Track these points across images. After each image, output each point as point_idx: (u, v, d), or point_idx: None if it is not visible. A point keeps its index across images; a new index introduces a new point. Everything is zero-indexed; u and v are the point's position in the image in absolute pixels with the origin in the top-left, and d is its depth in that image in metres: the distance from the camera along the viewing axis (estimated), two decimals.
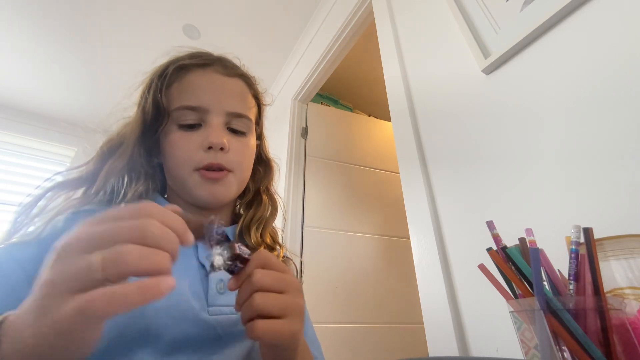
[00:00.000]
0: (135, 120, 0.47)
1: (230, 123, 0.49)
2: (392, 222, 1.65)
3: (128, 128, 0.48)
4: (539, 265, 0.29)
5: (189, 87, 0.47)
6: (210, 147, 0.45)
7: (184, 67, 0.49)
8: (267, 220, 0.55)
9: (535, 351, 0.28)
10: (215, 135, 0.45)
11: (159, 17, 1.65)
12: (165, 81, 0.48)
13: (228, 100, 0.48)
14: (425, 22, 0.92)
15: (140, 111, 0.48)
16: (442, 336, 0.63)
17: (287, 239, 1.42)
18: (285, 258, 0.58)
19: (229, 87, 0.50)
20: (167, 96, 0.47)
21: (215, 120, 0.46)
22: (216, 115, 0.47)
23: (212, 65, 0.51)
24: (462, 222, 0.67)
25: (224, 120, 0.48)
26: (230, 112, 0.48)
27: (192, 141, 0.45)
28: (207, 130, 0.46)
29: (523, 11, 0.63)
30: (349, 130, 1.83)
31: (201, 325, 0.36)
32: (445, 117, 0.77)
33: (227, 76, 0.51)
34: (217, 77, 0.50)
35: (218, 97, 0.48)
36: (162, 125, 0.46)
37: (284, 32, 1.79)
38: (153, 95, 0.47)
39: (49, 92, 2.11)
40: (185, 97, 0.47)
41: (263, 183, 0.58)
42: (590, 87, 0.50)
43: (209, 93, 0.47)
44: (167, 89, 0.48)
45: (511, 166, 0.59)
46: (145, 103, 0.47)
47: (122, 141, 0.46)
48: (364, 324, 1.38)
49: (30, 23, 1.63)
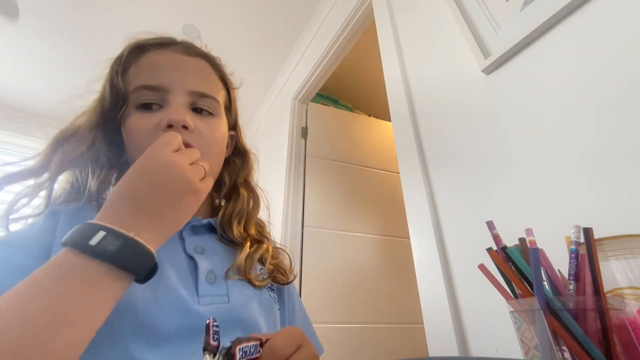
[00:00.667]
0: (93, 107, 0.45)
1: (194, 103, 0.45)
2: (392, 222, 1.65)
3: (84, 117, 0.45)
4: (539, 265, 0.29)
5: (146, 66, 0.44)
6: (170, 126, 0.40)
7: (141, 48, 0.46)
8: (249, 213, 0.53)
9: (535, 351, 0.28)
10: (175, 112, 0.41)
11: (159, 17, 1.65)
12: (122, 63, 0.45)
13: (190, 79, 0.45)
14: (425, 22, 0.92)
15: (98, 98, 0.45)
16: (442, 336, 0.63)
17: (287, 239, 1.42)
18: (276, 249, 0.56)
19: (191, 65, 0.47)
20: (124, 79, 0.44)
21: (177, 100, 0.43)
22: (178, 94, 0.43)
23: (172, 45, 0.48)
24: (462, 222, 0.67)
25: (186, 100, 0.44)
26: (193, 91, 0.44)
27: (151, 122, 0.41)
28: (167, 109, 0.42)
29: (523, 11, 0.63)
30: (349, 130, 1.83)
31: (193, 315, 0.36)
32: (445, 117, 0.77)
33: (188, 55, 0.47)
34: (178, 56, 0.46)
35: (178, 75, 0.44)
36: (121, 111, 0.43)
37: (284, 32, 1.79)
38: (110, 80, 0.44)
39: (50, 93, 2.11)
40: (143, 77, 0.43)
41: (240, 175, 0.55)
42: (590, 87, 0.50)
43: (169, 71, 0.44)
44: (124, 72, 0.45)
45: (511, 166, 0.59)
46: (104, 90, 0.45)
47: (77, 130, 0.44)
48: (364, 324, 1.38)
49: (30, 23, 1.63)
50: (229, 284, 0.42)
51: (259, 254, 0.49)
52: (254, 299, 0.43)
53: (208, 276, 0.41)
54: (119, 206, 0.30)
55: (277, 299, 0.49)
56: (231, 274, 0.43)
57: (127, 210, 0.30)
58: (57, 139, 0.43)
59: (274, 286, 0.50)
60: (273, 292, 0.48)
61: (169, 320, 0.34)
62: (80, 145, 0.43)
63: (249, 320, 0.40)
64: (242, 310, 0.40)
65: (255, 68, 1.99)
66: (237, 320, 0.39)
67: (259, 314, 0.42)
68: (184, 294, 0.37)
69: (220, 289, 0.40)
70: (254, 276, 0.45)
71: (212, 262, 0.43)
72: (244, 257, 0.46)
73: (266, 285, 0.47)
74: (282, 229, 1.44)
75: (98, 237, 0.27)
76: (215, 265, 0.43)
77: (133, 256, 0.28)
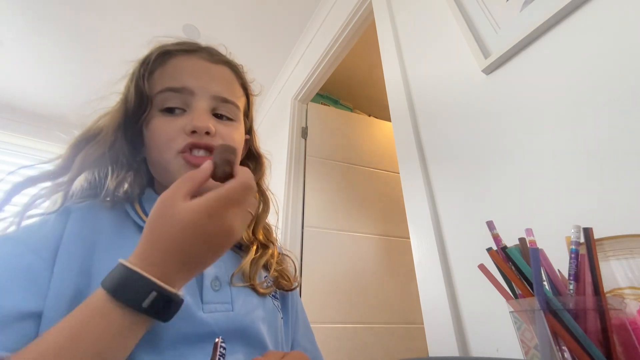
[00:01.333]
0: (116, 109, 0.46)
1: (216, 109, 0.46)
2: (392, 222, 1.65)
3: (107, 117, 0.46)
4: (539, 265, 0.29)
5: (172, 70, 0.46)
6: (194, 132, 0.42)
7: (168, 53, 0.47)
8: (259, 216, 0.54)
9: (535, 351, 0.28)
10: (200, 119, 0.43)
11: (159, 17, 1.65)
12: (148, 67, 0.46)
13: (214, 84, 0.46)
14: (425, 22, 0.92)
15: (122, 100, 0.46)
16: (442, 336, 0.63)
17: (287, 239, 1.42)
18: (281, 255, 0.56)
19: (215, 72, 0.48)
20: (150, 82, 0.45)
21: (201, 104, 0.44)
22: (201, 98, 0.45)
23: (198, 52, 0.49)
24: (462, 222, 0.67)
25: (209, 104, 0.46)
26: (216, 96, 0.46)
27: (175, 125, 0.43)
28: (191, 114, 0.44)
29: (523, 11, 0.63)
30: (349, 130, 1.83)
31: (196, 323, 0.36)
32: (445, 117, 0.77)
33: (213, 62, 0.49)
34: (203, 62, 0.48)
35: (203, 80, 0.46)
36: (145, 113, 0.44)
37: (284, 32, 1.79)
38: (135, 82, 0.45)
39: (50, 93, 2.11)
40: (168, 80, 0.45)
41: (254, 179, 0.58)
42: (590, 87, 0.50)
43: (194, 76, 0.45)
44: (150, 75, 0.46)
45: (511, 166, 0.59)
46: (128, 91, 0.46)
47: (100, 130, 0.45)
48: (364, 324, 1.38)
49: (30, 23, 1.63)
50: (233, 291, 0.42)
51: (264, 259, 0.49)
52: (258, 307, 0.43)
53: (213, 283, 0.41)
54: (169, 261, 0.29)
55: (280, 308, 0.49)
56: (235, 281, 0.43)
57: (175, 266, 0.29)
58: (79, 140, 0.44)
59: (278, 294, 0.50)
60: (277, 301, 0.49)
61: (173, 327, 0.34)
62: (103, 146, 0.44)
63: (252, 329, 0.40)
64: (246, 318, 0.40)
65: (255, 68, 1.98)
66: (240, 328, 0.39)
67: (262, 323, 0.42)
68: (188, 300, 0.36)
69: (224, 297, 0.40)
70: (258, 283, 0.45)
71: (218, 267, 0.43)
72: (248, 261, 0.46)
73: (270, 293, 0.47)
74: (282, 229, 1.44)
75: (150, 298, 0.27)
76: (220, 271, 0.43)
77: (173, 310, 0.30)
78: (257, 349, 0.40)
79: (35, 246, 0.35)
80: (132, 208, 0.44)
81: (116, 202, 0.45)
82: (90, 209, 0.42)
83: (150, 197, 0.47)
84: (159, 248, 0.29)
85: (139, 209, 0.44)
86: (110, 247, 0.38)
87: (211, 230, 0.30)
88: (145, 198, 0.47)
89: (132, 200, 0.45)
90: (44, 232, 0.37)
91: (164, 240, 0.29)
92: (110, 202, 0.44)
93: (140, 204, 0.45)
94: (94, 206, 0.42)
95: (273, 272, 0.49)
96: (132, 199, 0.46)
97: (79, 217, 0.40)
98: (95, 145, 0.43)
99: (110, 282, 0.28)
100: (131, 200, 0.45)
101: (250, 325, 0.40)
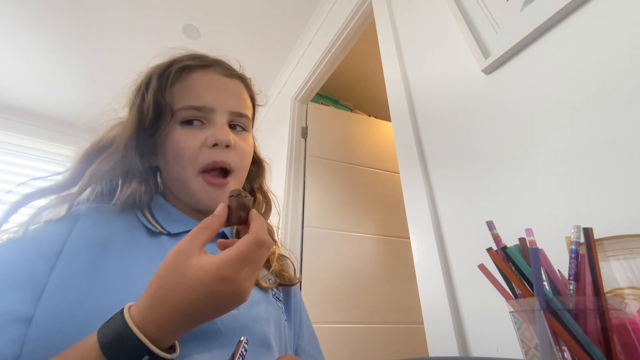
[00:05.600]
0: (129, 121, 0.47)
1: (232, 121, 0.50)
2: (392, 222, 1.65)
3: (119, 129, 0.47)
4: (539, 265, 0.29)
5: (193, 87, 0.48)
6: (216, 145, 0.46)
7: (187, 68, 0.50)
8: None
9: (535, 351, 0.28)
10: (222, 133, 0.46)
11: (159, 17, 1.65)
12: (168, 81, 0.48)
13: (230, 100, 0.50)
14: (425, 22, 0.92)
15: (135, 111, 0.47)
16: (442, 336, 0.63)
17: (287, 239, 1.42)
18: (282, 256, 0.58)
19: (230, 87, 0.52)
20: (169, 96, 0.48)
21: (220, 119, 0.48)
22: (220, 114, 0.48)
23: (213, 67, 0.52)
24: (462, 222, 0.67)
25: (227, 118, 0.49)
26: (233, 111, 0.50)
27: (197, 138, 0.46)
28: (212, 128, 0.47)
29: (523, 11, 0.63)
30: (349, 130, 1.83)
31: None
32: (445, 117, 0.77)
33: (227, 77, 0.52)
34: (219, 77, 0.51)
35: (221, 96, 0.49)
36: (165, 125, 0.47)
37: (284, 32, 1.79)
38: (154, 95, 0.46)
39: (50, 93, 2.11)
40: (190, 98, 0.47)
41: (256, 181, 0.60)
42: (590, 87, 0.50)
43: (213, 93, 0.49)
44: (169, 89, 0.48)
45: (511, 166, 0.59)
46: (143, 103, 0.47)
47: (112, 142, 0.46)
48: (364, 324, 1.38)
49: (30, 23, 1.63)
50: None
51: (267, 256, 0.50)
52: (261, 301, 0.44)
53: None
54: (172, 322, 0.28)
55: (284, 310, 0.50)
56: None
57: (178, 325, 0.28)
58: (90, 151, 0.45)
59: (281, 295, 0.51)
60: (280, 303, 0.49)
61: None
62: (114, 158, 0.44)
63: (257, 328, 0.41)
64: (250, 312, 0.41)
65: (255, 68, 1.99)
66: (245, 327, 0.39)
67: (267, 323, 0.43)
68: None
69: None
70: (260, 277, 0.47)
71: None
72: None
73: (273, 287, 0.48)
74: (282, 229, 1.44)
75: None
76: None
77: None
78: (262, 347, 0.40)
79: (43, 249, 0.36)
80: (142, 214, 0.45)
81: (125, 207, 0.45)
82: (100, 211, 0.43)
83: (160, 204, 0.48)
84: (165, 309, 0.28)
85: (149, 215, 0.45)
86: (123, 250, 0.39)
87: (222, 293, 0.29)
88: (154, 204, 0.48)
89: (142, 207, 0.47)
90: (51, 234, 0.38)
91: (173, 301, 0.28)
92: (120, 207, 0.45)
93: (150, 210, 0.47)
94: (103, 209, 0.43)
95: (274, 266, 0.51)
96: (141, 206, 0.47)
97: (89, 219, 0.41)
98: (107, 158, 0.44)
99: (105, 335, 0.27)
100: (140, 207, 0.46)
101: (255, 324, 0.41)
